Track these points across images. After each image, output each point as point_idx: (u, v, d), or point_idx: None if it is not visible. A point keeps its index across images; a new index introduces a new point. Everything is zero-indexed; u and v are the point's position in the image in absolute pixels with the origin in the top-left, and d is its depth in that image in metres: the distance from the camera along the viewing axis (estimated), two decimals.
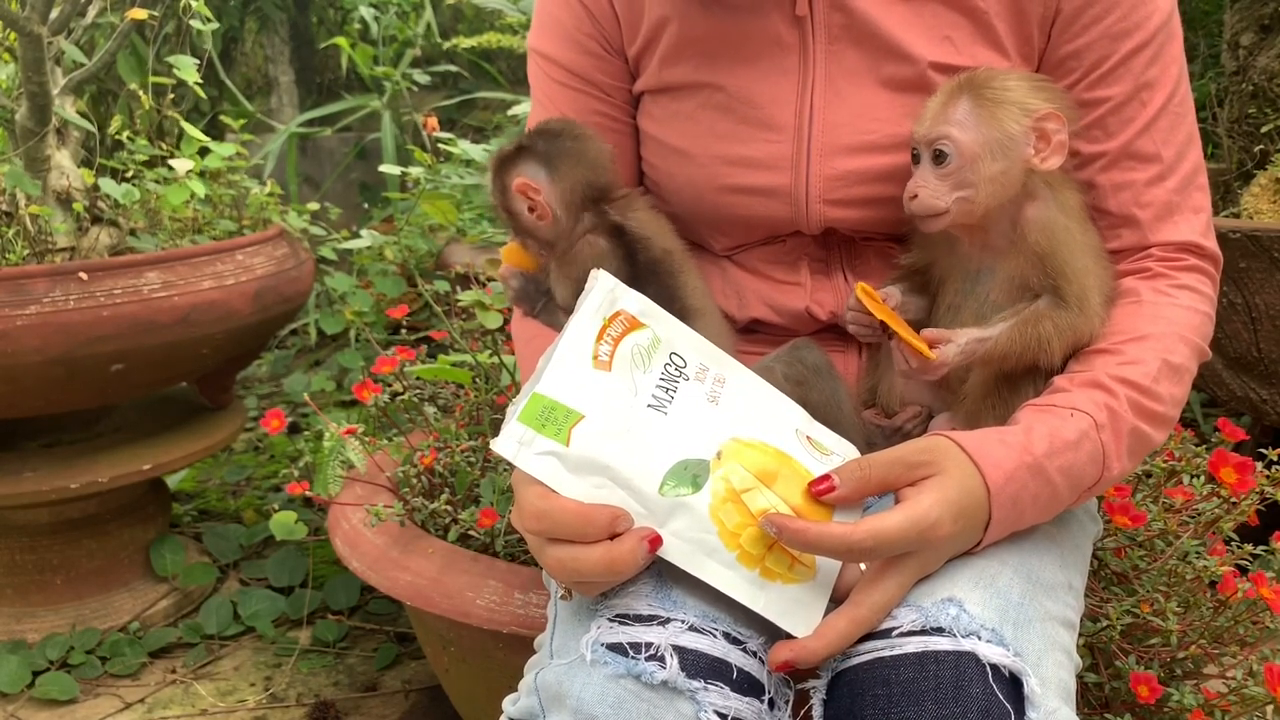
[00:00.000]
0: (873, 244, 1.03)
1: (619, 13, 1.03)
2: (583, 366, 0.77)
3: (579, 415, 0.75)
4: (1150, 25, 0.93)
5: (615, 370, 0.78)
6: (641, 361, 0.80)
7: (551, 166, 0.96)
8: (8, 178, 1.73)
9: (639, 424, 0.77)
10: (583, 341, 0.78)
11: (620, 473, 0.75)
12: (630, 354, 0.80)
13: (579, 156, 0.96)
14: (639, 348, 0.80)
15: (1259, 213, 1.76)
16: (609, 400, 0.77)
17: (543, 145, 0.97)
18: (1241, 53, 1.94)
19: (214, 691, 1.75)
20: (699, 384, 0.81)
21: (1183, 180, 0.95)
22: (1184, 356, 0.90)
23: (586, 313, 0.80)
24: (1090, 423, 0.83)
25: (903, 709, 0.72)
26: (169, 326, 1.69)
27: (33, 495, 1.75)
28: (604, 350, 0.78)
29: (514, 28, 3.18)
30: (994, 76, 0.90)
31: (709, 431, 0.79)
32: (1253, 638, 1.12)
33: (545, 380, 0.76)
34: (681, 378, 0.81)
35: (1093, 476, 0.84)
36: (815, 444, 0.84)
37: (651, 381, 0.79)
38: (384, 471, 1.46)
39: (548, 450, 0.75)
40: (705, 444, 0.78)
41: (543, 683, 0.79)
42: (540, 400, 0.75)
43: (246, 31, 3.97)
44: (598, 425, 0.76)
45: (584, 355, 0.78)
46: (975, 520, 0.79)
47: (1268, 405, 1.70)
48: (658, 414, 0.78)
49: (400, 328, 1.83)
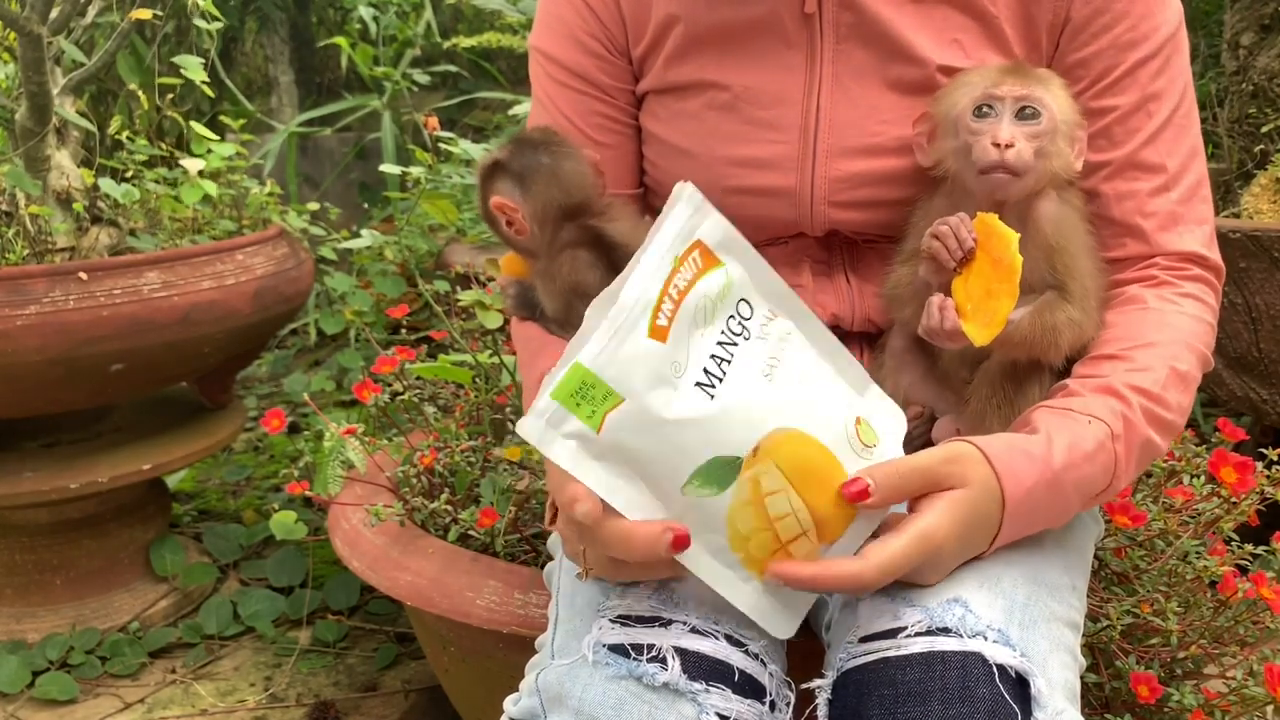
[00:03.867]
0: (875, 246, 1.03)
1: (625, 13, 1.03)
2: (636, 335, 0.70)
3: (618, 399, 0.70)
4: (1158, 37, 0.93)
5: (671, 339, 0.71)
6: (704, 318, 0.72)
7: (524, 185, 0.95)
8: (8, 177, 1.73)
9: (680, 411, 0.72)
10: (645, 296, 0.70)
11: (647, 467, 0.73)
12: (694, 310, 0.72)
13: (553, 174, 0.95)
14: (706, 299, 0.72)
15: (1259, 213, 1.76)
16: (655, 383, 0.71)
17: (518, 162, 0.95)
18: (1242, 53, 1.94)
19: (214, 691, 1.75)
20: (760, 343, 0.75)
21: (1186, 191, 0.95)
22: (1191, 365, 0.90)
23: (659, 249, 0.72)
24: (1107, 433, 0.83)
25: (909, 709, 0.72)
26: (169, 326, 1.69)
27: (32, 495, 1.75)
28: (665, 311, 0.70)
29: (514, 27, 3.18)
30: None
31: (753, 421, 0.74)
32: (1253, 638, 1.12)
33: (591, 349, 0.69)
34: (743, 336, 0.74)
35: (1101, 485, 0.84)
36: (863, 429, 0.79)
37: (708, 347, 0.73)
38: (384, 471, 1.46)
39: (576, 432, 0.71)
40: (744, 437, 0.74)
41: (544, 683, 0.79)
42: (580, 373, 0.69)
43: (246, 31, 3.97)
44: (635, 413, 0.71)
45: (641, 319, 0.70)
46: (982, 533, 0.79)
47: (1268, 405, 1.70)
48: (704, 397, 0.72)
49: (400, 328, 1.83)
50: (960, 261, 0.88)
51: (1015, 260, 0.83)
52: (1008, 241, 0.84)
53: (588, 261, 0.96)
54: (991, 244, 0.86)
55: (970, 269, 0.87)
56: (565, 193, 0.95)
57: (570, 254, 0.97)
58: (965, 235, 0.87)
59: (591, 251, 0.96)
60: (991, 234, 0.86)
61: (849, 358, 0.81)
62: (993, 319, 0.85)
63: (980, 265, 0.86)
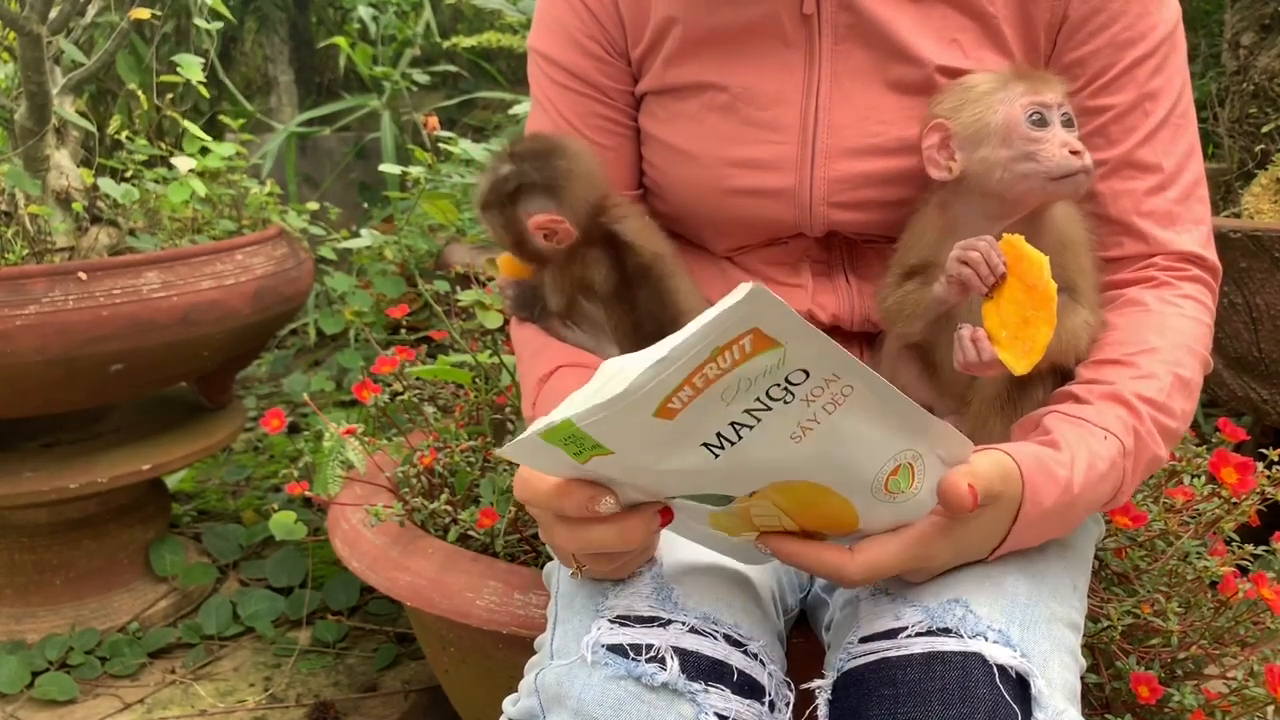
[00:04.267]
0: (875, 246, 1.03)
1: (623, 14, 1.03)
2: (639, 415, 0.64)
3: (607, 450, 0.67)
4: (1155, 36, 0.93)
5: (681, 417, 0.65)
6: (734, 394, 0.64)
7: (557, 195, 0.95)
8: (7, 177, 1.73)
9: (677, 465, 0.68)
10: (663, 383, 0.63)
11: (632, 487, 0.71)
12: (722, 390, 0.64)
13: (578, 176, 0.95)
14: (743, 380, 0.64)
15: (1259, 213, 1.76)
16: (652, 445, 0.67)
17: (538, 174, 0.94)
18: (1242, 52, 1.94)
19: (213, 692, 1.75)
20: (802, 405, 0.66)
21: (1183, 191, 0.95)
22: (1193, 370, 0.90)
23: (695, 339, 0.61)
24: (1120, 450, 0.83)
25: (909, 709, 0.72)
26: (168, 326, 1.68)
27: (32, 495, 1.75)
28: (681, 397, 0.64)
29: (513, 27, 3.18)
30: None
31: (756, 475, 0.71)
32: (1253, 638, 1.12)
33: (586, 413, 0.64)
34: (782, 401, 0.65)
35: (1107, 499, 0.84)
36: (899, 478, 0.73)
37: (730, 416, 0.65)
38: (384, 471, 1.46)
39: (559, 457, 0.68)
40: (742, 487, 0.72)
41: (543, 683, 0.79)
42: (570, 427, 0.65)
43: (246, 31, 3.96)
44: (625, 460, 0.68)
45: (650, 402, 0.64)
46: (981, 545, 0.79)
47: (1268, 405, 1.70)
48: (707, 455, 0.68)
49: (400, 328, 1.82)
50: (990, 286, 0.85)
51: (1050, 287, 0.81)
52: (1040, 266, 0.81)
53: (597, 256, 0.97)
54: (1021, 267, 0.82)
55: (1001, 293, 0.84)
56: (594, 189, 0.96)
57: (581, 252, 0.97)
58: (996, 261, 0.83)
59: (600, 247, 0.97)
60: (1021, 257, 0.82)
61: (912, 406, 0.71)
62: (1032, 348, 0.82)
63: (1012, 291, 0.83)
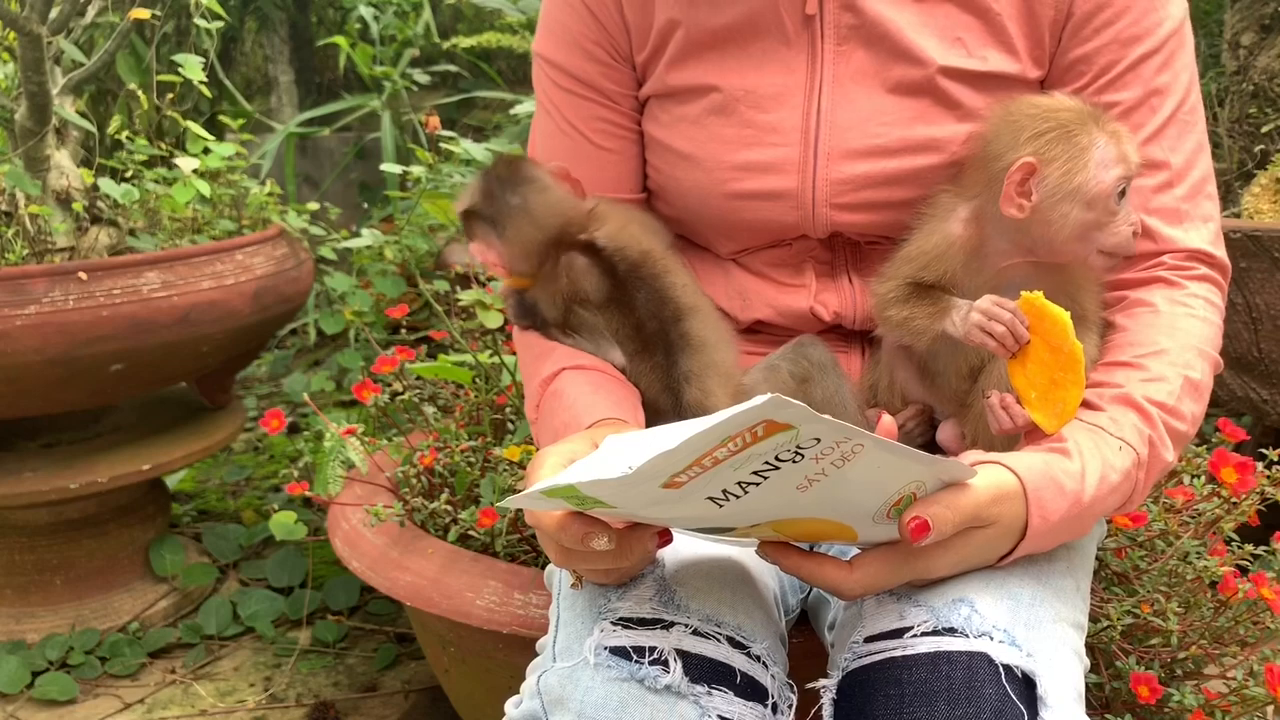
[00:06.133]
0: (878, 247, 1.03)
1: (628, 19, 1.03)
2: (644, 486, 0.64)
3: (610, 506, 0.68)
4: (1161, 32, 0.93)
5: (687, 486, 0.65)
6: (742, 463, 0.64)
7: (500, 230, 0.96)
8: (7, 178, 1.73)
9: (679, 513, 0.69)
10: (670, 468, 0.63)
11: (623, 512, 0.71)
12: (732, 463, 0.64)
13: (524, 214, 0.95)
14: (753, 456, 0.63)
15: (1259, 213, 1.76)
16: (656, 503, 0.67)
17: (490, 208, 0.96)
18: (1242, 52, 1.94)
19: (213, 692, 1.75)
20: (812, 462, 0.65)
21: (1192, 188, 0.94)
22: (1202, 372, 0.89)
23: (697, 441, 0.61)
24: (1134, 460, 0.82)
25: (915, 709, 0.72)
26: (168, 326, 1.68)
27: (32, 495, 1.75)
28: (689, 474, 0.64)
29: (514, 27, 3.18)
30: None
31: (757, 518, 0.71)
32: (1253, 638, 1.12)
33: (593, 486, 0.64)
34: (791, 461, 0.65)
35: (1117, 506, 0.84)
36: (905, 502, 0.73)
37: (738, 476, 0.65)
38: (384, 471, 1.46)
39: (560, 504, 0.70)
40: (742, 522, 0.72)
41: (545, 685, 0.79)
42: (573, 491, 0.66)
43: (246, 31, 3.96)
44: (626, 511, 0.70)
45: (655, 479, 0.64)
46: (985, 557, 0.79)
47: (1268, 405, 1.70)
48: (712, 506, 0.68)
49: (400, 328, 1.83)
50: (1013, 351, 0.84)
51: (1076, 349, 0.80)
52: (1064, 327, 0.80)
53: (585, 265, 0.97)
54: (1044, 327, 0.81)
55: (1026, 354, 0.83)
56: (540, 229, 0.96)
57: (568, 258, 0.97)
58: (1022, 331, 0.83)
59: (587, 256, 0.97)
60: (1043, 317, 0.81)
61: (919, 454, 0.71)
62: (1064, 409, 0.82)
63: (1038, 352, 0.82)
